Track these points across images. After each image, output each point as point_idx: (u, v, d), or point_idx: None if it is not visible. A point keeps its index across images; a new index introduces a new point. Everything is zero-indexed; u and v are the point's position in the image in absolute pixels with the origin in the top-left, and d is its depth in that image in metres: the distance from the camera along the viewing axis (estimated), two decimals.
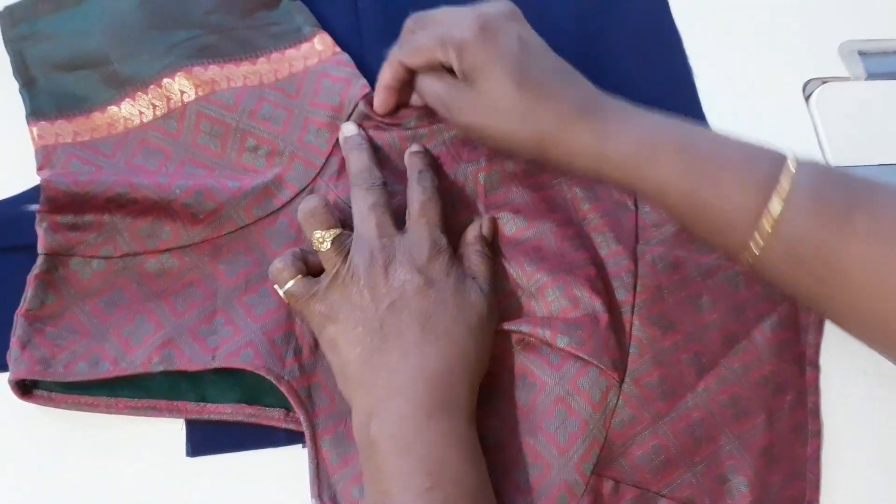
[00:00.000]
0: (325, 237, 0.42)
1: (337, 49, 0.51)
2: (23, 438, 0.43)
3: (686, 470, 0.43)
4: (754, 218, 0.37)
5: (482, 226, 0.47)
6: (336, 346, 0.41)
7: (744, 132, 0.40)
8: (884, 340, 0.37)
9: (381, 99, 0.47)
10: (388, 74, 0.46)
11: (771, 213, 0.37)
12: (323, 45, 0.51)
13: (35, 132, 0.48)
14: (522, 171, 0.49)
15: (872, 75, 0.56)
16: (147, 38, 0.50)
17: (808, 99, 0.54)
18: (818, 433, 0.45)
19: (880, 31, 0.57)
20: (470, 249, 0.45)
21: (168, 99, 0.49)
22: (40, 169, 0.47)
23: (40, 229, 0.44)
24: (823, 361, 0.47)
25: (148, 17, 0.51)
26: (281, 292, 0.43)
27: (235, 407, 0.43)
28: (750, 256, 0.38)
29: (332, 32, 0.51)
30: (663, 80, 0.55)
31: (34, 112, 0.48)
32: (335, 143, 0.48)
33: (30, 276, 0.44)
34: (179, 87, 0.49)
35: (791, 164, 0.37)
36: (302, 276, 0.42)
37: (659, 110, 0.41)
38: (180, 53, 0.50)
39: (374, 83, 0.49)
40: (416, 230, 0.43)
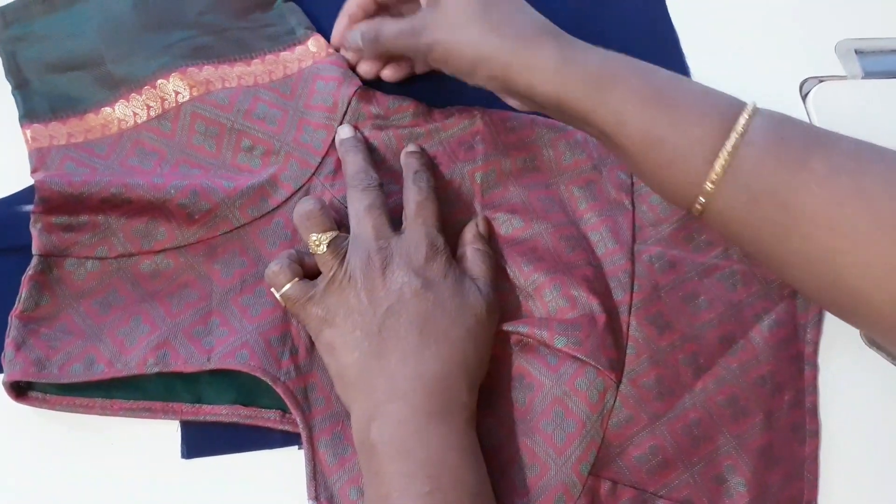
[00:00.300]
0: (322, 240, 0.42)
1: (331, 50, 0.51)
2: (17, 441, 0.43)
3: (684, 470, 0.43)
4: (711, 152, 0.37)
5: (478, 224, 0.47)
6: (333, 349, 0.41)
7: None
8: (831, 292, 0.36)
9: (340, 25, 0.49)
10: (353, 2, 0.48)
11: (728, 149, 0.36)
12: (317, 47, 0.51)
13: (29, 134, 0.48)
14: (519, 171, 0.49)
15: (869, 74, 0.56)
16: (141, 39, 0.50)
17: (804, 98, 0.54)
18: (816, 433, 0.45)
19: (877, 30, 0.57)
20: (469, 248, 0.45)
21: (162, 100, 0.49)
22: (34, 171, 0.47)
23: (35, 230, 0.44)
24: (822, 360, 0.47)
25: (142, 18, 0.51)
26: (277, 295, 0.42)
27: (231, 408, 0.43)
28: (703, 196, 0.37)
29: (326, 33, 0.51)
30: None
31: (27, 114, 0.48)
32: (331, 144, 0.48)
33: (24, 277, 0.44)
34: (174, 87, 0.49)
35: (751, 106, 0.38)
36: (298, 278, 0.42)
37: None
38: (174, 54, 0.49)
39: (367, 83, 0.49)
40: (413, 231, 0.43)
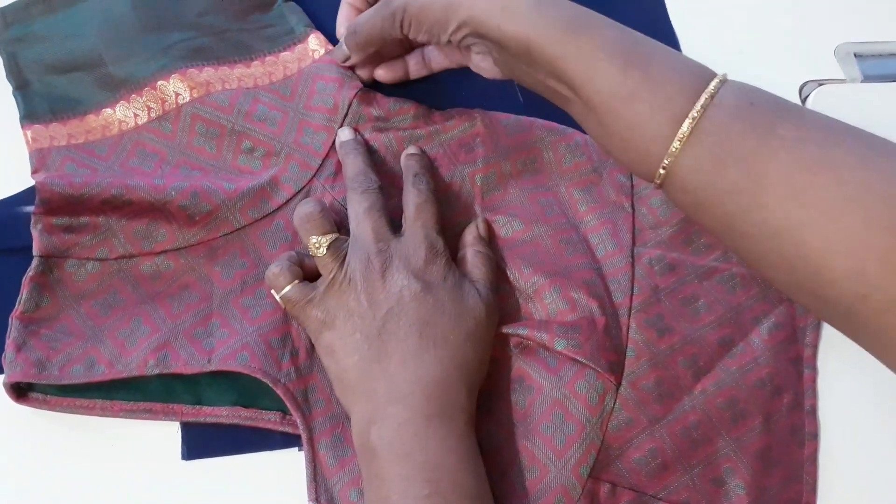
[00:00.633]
0: (322, 242, 0.42)
1: (330, 47, 0.51)
2: (18, 442, 0.43)
3: (683, 473, 0.43)
4: (681, 111, 0.36)
5: (478, 226, 0.47)
6: (333, 352, 0.41)
7: None
8: (792, 267, 0.35)
9: (343, 14, 0.49)
10: None
11: (697, 108, 0.36)
12: (317, 45, 0.51)
13: (29, 135, 0.48)
14: (519, 173, 0.49)
15: (868, 78, 0.56)
16: (141, 40, 0.50)
17: (804, 101, 0.54)
18: (815, 435, 0.45)
19: (877, 34, 0.57)
20: (470, 251, 0.45)
21: (163, 101, 0.49)
22: (35, 172, 0.47)
23: (35, 231, 0.44)
24: (821, 363, 0.47)
25: (141, 19, 0.51)
26: (277, 297, 0.43)
27: (231, 410, 0.43)
28: (668, 157, 0.37)
29: (326, 31, 0.51)
30: None
31: (28, 115, 0.48)
32: (331, 145, 0.48)
33: (25, 278, 0.44)
34: (174, 88, 0.49)
35: (723, 74, 0.38)
36: (298, 280, 0.42)
37: None
38: (174, 55, 0.49)
39: (367, 85, 0.49)
40: (413, 233, 0.43)
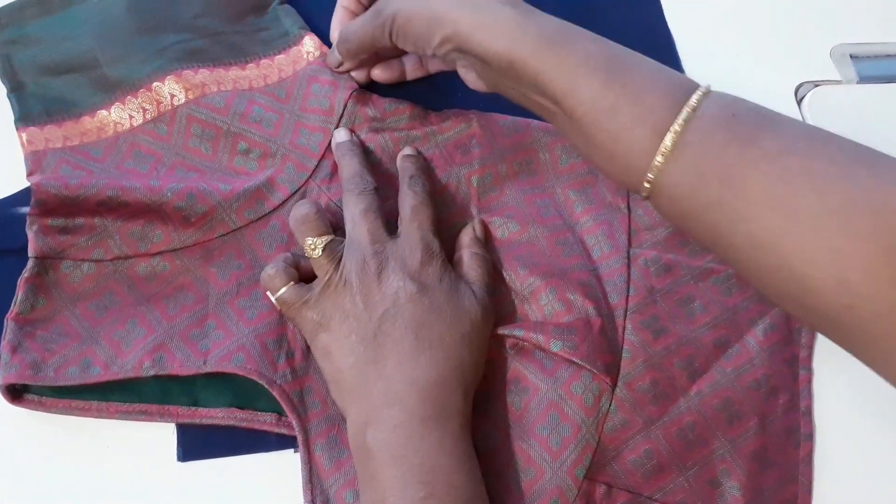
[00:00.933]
0: (317, 244, 0.42)
1: (325, 48, 0.51)
2: (13, 443, 0.43)
3: (678, 474, 0.43)
4: (662, 124, 0.36)
5: (475, 228, 0.47)
6: (329, 354, 0.41)
7: None
8: (777, 278, 0.35)
9: (337, 17, 0.49)
10: None
11: (679, 121, 0.36)
12: (311, 47, 0.51)
13: (24, 138, 0.48)
14: (515, 174, 0.49)
15: (864, 79, 0.56)
16: (136, 42, 0.50)
17: (800, 102, 0.54)
18: (811, 436, 0.45)
19: (872, 35, 0.57)
20: (466, 252, 0.45)
21: (158, 102, 0.49)
22: (30, 174, 0.47)
23: (31, 232, 0.44)
24: (816, 364, 0.47)
25: (136, 21, 0.51)
26: (273, 299, 0.43)
27: (227, 411, 0.43)
28: (652, 172, 0.37)
29: (321, 33, 0.51)
30: None
31: (23, 117, 0.48)
32: (327, 146, 0.48)
33: (20, 279, 0.44)
34: (169, 90, 0.49)
35: (705, 86, 0.38)
36: (294, 282, 0.42)
37: None
38: (170, 57, 0.49)
39: (362, 86, 0.49)
40: (408, 235, 0.43)
